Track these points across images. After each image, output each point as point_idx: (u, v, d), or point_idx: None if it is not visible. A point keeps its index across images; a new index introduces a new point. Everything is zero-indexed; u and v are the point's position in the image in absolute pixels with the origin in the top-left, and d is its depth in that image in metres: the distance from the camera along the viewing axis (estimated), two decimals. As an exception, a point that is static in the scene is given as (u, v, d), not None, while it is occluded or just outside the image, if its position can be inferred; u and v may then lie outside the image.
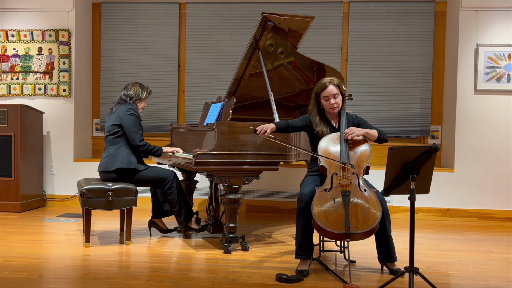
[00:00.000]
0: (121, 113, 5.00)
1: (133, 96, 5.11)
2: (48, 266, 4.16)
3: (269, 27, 4.97)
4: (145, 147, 5.00)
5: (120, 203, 4.84)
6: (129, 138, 4.96)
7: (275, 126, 4.18)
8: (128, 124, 4.96)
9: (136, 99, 5.13)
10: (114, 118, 5.02)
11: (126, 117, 4.97)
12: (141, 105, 5.20)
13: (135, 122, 4.98)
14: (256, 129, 4.06)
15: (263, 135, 4.05)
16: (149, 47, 7.58)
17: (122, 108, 5.03)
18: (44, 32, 7.17)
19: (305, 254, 3.97)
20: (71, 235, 5.32)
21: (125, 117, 4.97)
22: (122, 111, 5.00)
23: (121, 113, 4.99)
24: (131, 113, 4.98)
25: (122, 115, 4.98)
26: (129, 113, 4.97)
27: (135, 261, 4.37)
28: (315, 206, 3.80)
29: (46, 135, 7.25)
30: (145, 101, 5.23)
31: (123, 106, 5.06)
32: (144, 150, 5.01)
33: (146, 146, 5.00)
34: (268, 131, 4.06)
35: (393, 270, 4.01)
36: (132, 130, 4.95)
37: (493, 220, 6.67)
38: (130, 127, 4.95)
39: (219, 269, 4.14)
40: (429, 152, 3.41)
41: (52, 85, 7.19)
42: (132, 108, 5.02)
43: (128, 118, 4.96)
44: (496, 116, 6.69)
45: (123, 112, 4.99)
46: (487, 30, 6.68)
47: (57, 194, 7.28)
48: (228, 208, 4.69)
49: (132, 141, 4.95)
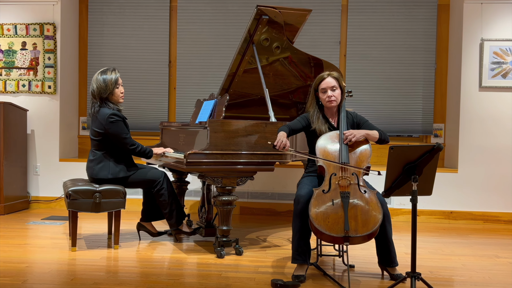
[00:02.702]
0: (103, 119, 4.81)
1: (96, 94, 4.87)
2: (33, 271, 4.14)
3: (264, 21, 4.97)
4: (137, 150, 4.93)
5: (108, 205, 4.82)
6: (119, 145, 4.88)
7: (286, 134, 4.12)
8: (114, 133, 4.81)
9: (106, 95, 4.89)
10: (97, 124, 4.85)
11: (109, 126, 4.80)
12: (116, 94, 4.92)
13: (121, 127, 4.84)
14: (275, 144, 3.95)
15: (283, 149, 3.94)
16: (138, 41, 7.57)
17: (103, 113, 4.82)
18: (28, 26, 7.15)
19: (302, 258, 3.97)
20: (57, 238, 5.30)
21: (109, 126, 4.80)
22: (104, 117, 4.81)
23: (103, 120, 4.81)
24: (114, 120, 4.80)
25: (105, 123, 4.80)
26: (111, 120, 4.79)
27: (123, 266, 4.36)
28: (313, 208, 3.80)
29: (31, 134, 7.23)
30: (118, 86, 4.92)
31: (103, 110, 4.84)
32: (137, 152, 4.95)
33: (138, 148, 4.93)
34: (288, 144, 3.97)
35: (394, 275, 4.01)
36: (120, 137, 4.84)
37: (499, 223, 6.68)
38: (118, 135, 4.83)
39: (211, 274, 4.13)
40: (432, 151, 3.42)
41: (36, 81, 7.17)
42: (114, 113, 4.81)
43: (112, 126, 4.80)
44: (502, 114, 6.71)
45: (105, 119, 4.80)
46: (493, 24, 6.69)
47: (42, 196, 7.26)
48: (221, 210, 4.68)
49: (123, 147, 4.89)
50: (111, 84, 4.86)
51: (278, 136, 4.02)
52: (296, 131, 4.27)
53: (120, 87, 4.95)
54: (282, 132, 4.10)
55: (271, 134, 4.65)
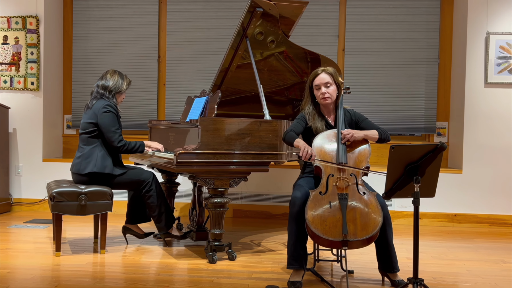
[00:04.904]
0: (97, 109, 4.93)
1: (112, 89, 5.05)
2: (15, 277, 4.13)
3: (258, 14, 4.96)
4: (125, 148, 4.96)
5: (94, 207, 4.81)
6: (106, 138, 4.93)
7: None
8: (105, 123, 4.90)
9: (116, 92, 5.08)
10: (90, 115, 4.97)
11: (102, 115, 4.90)
12: (120, 98, 5.16)
13: (113, 120, 4.93)
14: (301, 156, 3.92)
15: (310, 159, 3.91)
16: (126, 35, 7.56)
17: (99, 104, 4.96)
18: (10, 19, 7.12)
19: (298, 263, 3.96)
20: (40, 243, 5.30)
21: (102, 115, 4.90)
22: (99, 107, 4.93)
23: (98, 109, 4.93)
24: (108, 110, 4.91)
25: (98, 113, 4.91)
26: (105, 110, 4.91)
27: (110, 271, 4.36)
28: (309, 210, 3.80)
29: (12, 133, 7.21)
30: (124, 93, 5.20)
31: (101, 101, 4.98)
32: (125, 150, 4.98)
33: (125, 146, 4.96)
34: (314, 153, 3.96)
35: (395, 281, 4.01)
36: (110, 130, 4.90)
37: (505, 227, 6.69)
38: (107, 127, 4.90)
39: (203, 280, 4.13)
40: (435, 151, 3.42)
41: (18, 77, 7.15)
42: (109, 104, 4.95)
43: (105, 116, 4.90)
44: (508, 111, 6.72)
45: (100, 108, 4.92)
46: (499, 17, 6.70)
47: (24, 198, 7.25)
48: (213, 213, 4.68)
49: (110, 142, 4.91)
50: (126, 84, 5.17)
51: (301, 144, 3.98)
52: (300, 133, 4.28)
53: (124, 95, 5.23)
54: (298, 139, 4.08)
55: (265, 133, 4.65)
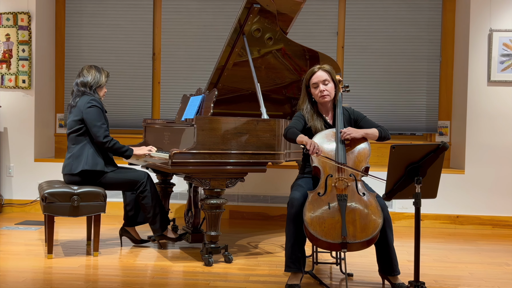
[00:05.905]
0: (82, 105, 4.93)
1: (92, 83, 5.04)
2: (6, 280, 4.12)
3: (256, 10, 4.96)
4: (110, 144, 4.92)
5: (87, 209, 4.81)
6: (92, 134, 4.92)
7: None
8: (90, 117, 4.90)
9: (96, 86, 5.07)
10: (75, 113, 4.98)
11: (87, 110, 4.90)
12: (102, 92, 5.15)
13: (98, 114, 4.93)
14: (308, 148, 3.89)
15: (316, 155, 3.89)
16: (120, 32, 7.55)
17: (84, 100, 4.96)
18: (1, 16, 7.11)
19: (296, 266, 3.96)
20: (32, 245, 5.29)
21: (86, 110, 4.90)
22: (83, 103, 4.94)
23: (82, 105, 4.93)
24: (93, 104, 4.92)
25: (84, 109, 4.92)
26: (90, 105, 4.91)
27: (104, 274, 4.35)
28: (308, 212, 3.79)
29: (3, 132, 7.19)
30: (105, 86, 5.19)
31: (84, 97, 4.99)
32: (110, 147, 4.94)
33: (112, 142, 4.93)
34: (320, 148, 3.94)
35: (395, 284, 4.01)
36: (95, 125, 4.89)
37: (509, 228, 6.69)
38: (92, 121, 4.90)
39: (199, 283, 4.13)
40: (437, 151, 3.41)
41: (9, 75, 7.14)
42: (94, 99, 4.96)
43: (90, 111, 4.90)
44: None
45: (84, 104, 4.92)
46: (503, 13, 6.70)
47: (15, 199, 7.24)
48: (209, 214, 4.68)
49: (96, 137, 4.90)
50: (105, 76, 5.14)
51: (305, 139, 3.96)
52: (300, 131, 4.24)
53: (105, 89, 5.21)
54: (301, 134, 4.05)
55: (263, 132, 4.65)
